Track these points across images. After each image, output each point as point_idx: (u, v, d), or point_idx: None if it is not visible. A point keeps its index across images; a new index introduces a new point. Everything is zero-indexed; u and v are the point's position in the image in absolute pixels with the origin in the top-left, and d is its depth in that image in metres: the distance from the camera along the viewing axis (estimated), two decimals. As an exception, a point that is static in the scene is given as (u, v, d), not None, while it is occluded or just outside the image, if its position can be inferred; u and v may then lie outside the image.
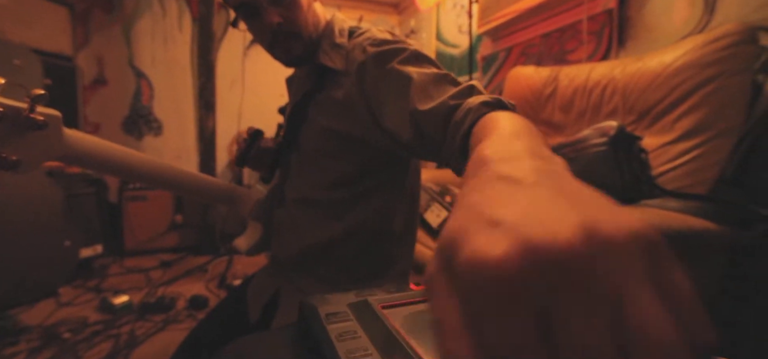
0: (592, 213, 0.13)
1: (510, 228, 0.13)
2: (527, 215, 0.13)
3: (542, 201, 0.15)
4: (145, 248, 2.18)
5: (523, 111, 1.37)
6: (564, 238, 0.12)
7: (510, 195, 0.16)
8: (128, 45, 2.46)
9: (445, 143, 0.41)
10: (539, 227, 0.12)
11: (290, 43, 0.59)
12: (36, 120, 0.37)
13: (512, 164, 0.19)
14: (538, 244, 0.12)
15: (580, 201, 0.14)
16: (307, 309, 0.30)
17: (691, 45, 0.89)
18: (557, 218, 0.13)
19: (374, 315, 0.29)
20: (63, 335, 1.23)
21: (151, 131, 2.58)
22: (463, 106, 0.39)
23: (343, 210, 0.61)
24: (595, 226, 0.12)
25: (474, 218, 0.15)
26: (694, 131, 0.86)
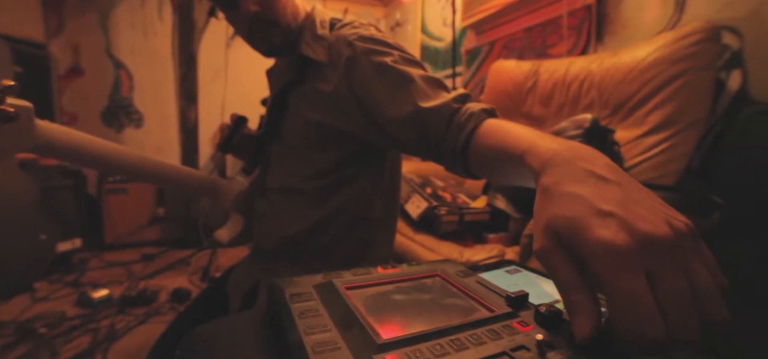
0: (667, 211, 0.22)
1: (621, 221, 0.21)
2: (629, 211, 0.21)
3: (631, 197, 0.22)
4: (126, 242, 2.13)
5: (504, 104, 1.40)
6: (661, 231, 0.20)
7: (605, 190, 0.23)
8: (105, 34, 2.38)
9: (444, 141, 0.46)
10: (642, 222, 0.20)
11: (268, 32, 0.59)
12: (6, 112, 0.37)
13: (590, 162, 0.26)
14: (645, 233, 0.20)
15: (654, 199, 0.23)
16: (275, 291, 0.31)
17: (661, 41, 0.92)
18: (650, 215, 0.21)
19: (337, 295, 0.30)
20: (39, 330, 1.20)
21: (132, 122, 2.51)
22: (464, 109, 0.45)
23: (323, 199, 0.62)
24: (673, 222, 0.21)
25: (587, 211, 0.22)
26: (664, 124, 0.89)
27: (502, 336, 0.25)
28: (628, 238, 0.20)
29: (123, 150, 0.57)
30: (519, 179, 0.38)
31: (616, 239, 0.20)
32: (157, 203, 2.25)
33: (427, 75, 0.51)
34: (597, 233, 0.20)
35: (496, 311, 0.29)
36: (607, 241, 0.20)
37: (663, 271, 0.20)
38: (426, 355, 0.22)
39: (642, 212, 0.21)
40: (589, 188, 0.23)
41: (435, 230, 1.02)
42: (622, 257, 0.19)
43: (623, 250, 0.20)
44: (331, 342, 0.24)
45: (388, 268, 0.39)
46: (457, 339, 0.25)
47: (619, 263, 0.19)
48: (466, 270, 0.40)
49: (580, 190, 0.23)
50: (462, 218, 1.03)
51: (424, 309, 0.30)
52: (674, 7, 1.06)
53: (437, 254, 0.92)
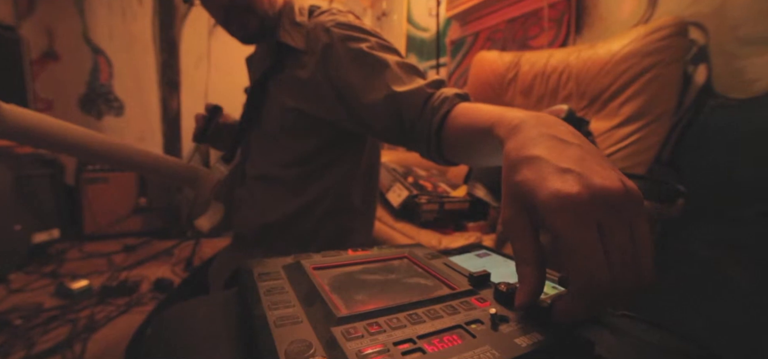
0: (618, 173, 0.23)
1: (577, 176, 0.22)
2: (585, 168, 0.22)
3: (589, 157, 0.23)
4: (106, 233, 2.09)
5: (486, 95, 1.41)
6: (614, 186, 0.21)
7: (564, 151, 0.24)
8: (82, 17, 2.28)
9: (418, 124, 0.47)
10: (597, 177, 0.22)
11: (244, 18, 0.58)
12: None
13: (551, 127, 0.27)
14: (600, 187, 0.21)
15: (610, 164, 0.24)
16: (244, 271, 0.32)
17: (634, 35, 0.95)
18: (604, 172, 0.22)
19: (304, 274, 0.31)
20: (14, 321, 1.18)
21: (112, 110, 2.44)
22: (438, 94, 0.46)
23: (302, 186, 0.63)
24: (624, 180, 0.22)
25: (547, 170, 0.23)
26: (636, 116, 0.93)
27: (459, 311, 0.27)
28: (583, 190, 0.21)
29: (97, 136, 0.56)
30: (490, 156, 0.39)
31: (572, 190, 0.21)
32: (139, 193, 2.21)
33: (403, 61, 0.51)
34: (553, 186, 0.22)
35: (457, 289, 0.31)
36: (563, 193, 0.21)
37: (613, 224, 0.21)
38: (383, 328, 0.24)
39: (598, 169, 0.22)
40: (550, 150, 0.24)
41: (415, 219, 1.04)
42: (576, 208, 0.21)
43: (578, 201, 0.21)
44: (293, 317, 0.25)
45: (359, 251, 0.40)
46: (414, 313, 0.26)
47: (573, 213, 0.21)
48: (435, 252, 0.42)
49: (541, 152, 0.24)
50: (442, 207, 1.05)
51: (388, 288, 0.31)
52: (647, 3, 1.09)
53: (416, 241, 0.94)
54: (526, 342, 0.23)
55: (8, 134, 0.43)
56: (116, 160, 0.59)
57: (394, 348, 0.22)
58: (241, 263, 0.34)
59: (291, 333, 0.23)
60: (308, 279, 0.30)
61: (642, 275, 0.21)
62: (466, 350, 0.22)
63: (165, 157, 0.68)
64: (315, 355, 0.20)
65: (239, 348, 0.27)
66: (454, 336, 0.23)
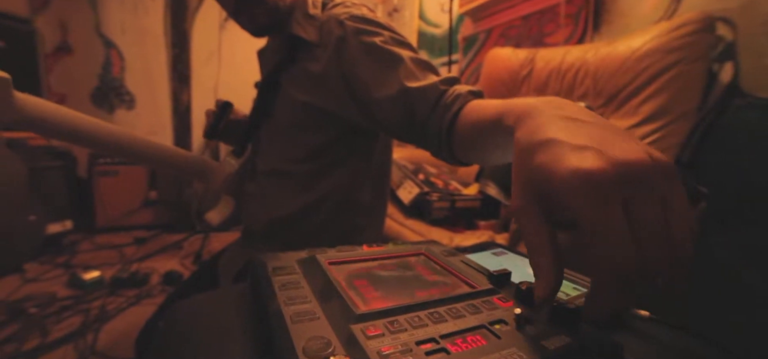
0: (644, 145, 0.20)
1: (596, 152, 0.19)
2: (606, 143, 0.20)
3: (608, 133, 0.21)
4: (117, 225, 2.12)
5: (499, 92, 1.39)
6: (640, 157, 0.19)
7: (580, 129, 0.22)
8: (95, 11, 2.31)
9: (429, 121, 0.46)
10: (619, 151, 0.19)
11: (254, 10, 0.58)
12: None
13: (564, 109, 0.25)
14: (623, 160, 0.19)
15: (629, 135, 0.21)
16: (257, 265, 0.31)
17: (657, 31, 0.92)
18: (626, 145, 0.20)
19: (320, 269, 0.30)
20: (29, 310, 1.20)
21: (124, 104, 2.47)
22: (451, 91, 0.45)
23: (313, 181, 0.62)
24: (653, 153, 0.20)
25: (563, 150, 0.21)
26: (656, 114, 0.90)
27: (481, 310, 0.26)
28: (604, 164, 0.19)
29: (110, 128, 0.56)
30: (500, 150, 0.37)
31: (592, 166, 0.19)
32: (149, 186, 2.23)
33: (416, 57, 0.50)
34: (571, 163, 0.19)
35: (477, 287, 0.29)
36: (582, 168, 0.19)
37: (640, 198, 0.19)
38: (403, 326, 0.23)
39: (620, 143, 0.20)
40: (564, 131, 0.22)
41: (426, 216, 1.03)
42: (598, 185, 0.18)
43: (599, 177, 0.18)
44: (310, 313, 0.24)
45: (374, 246, 0.39)
46: (436, 312, 0.25)
47: (595, 192, 0.18)
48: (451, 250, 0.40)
49: (554, 134, 0.22)
50: (453, 205, 1.04)
51: (405, 285, 0.30)
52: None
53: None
54: (554, 345, 0.22)
55: (22, 123, 0.43)
56: (128, 152, 0.59)
57: (416, 347, 0.21)
58: (254, 257, 0.33)
59: (308, 330, 0.22)
60: (324, 273, 0.29)
61: (676, 249, 0.19)
62: (492, 351, 0.21)
63: (177, 150, 0.67)
64: (334, 353, 0.20)
65: (253, 342, 0.26)
66: (478, 337, 0.23)
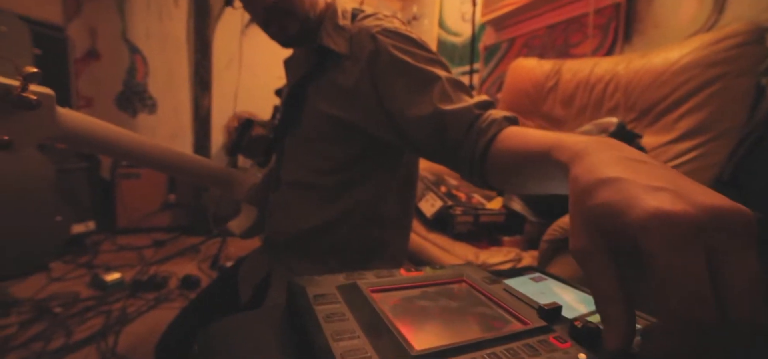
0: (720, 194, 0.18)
1: (675, 194, 0.18)
2: (681, 186, 0.19)
3: (679, 178, 0.20)
4: (137, 227, 2.16)
5: (524, 104, 1.36)
6: (725, 204, 0.17)
7: (649, 170, 0.21)
8: (122, 17, 2.39)
9: (462, 145, 0.44)
10: (700, 195, 0.18)
11: (285, 21, 0.57)
12: (28, 99, 0.35)
13: (622, 150, 0.24)
14: (708, 204, 0.17)
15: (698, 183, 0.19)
16: (296, 290, 0.30)
17: (697, 43, 0.88)
18: (704, 191, 0.18)
19: (363, 298, 0.29)
20: (54, 309, 1.23)
21: (146, 108, 2.53)
22: (486, 115, 0.44)
23: (337, 194, 0.61)
24: (734, 204, 0.18)
25: (636, 189, 0.19)
26: (695, 131, 0.85)
27: (540, 353, 0.24)
28: (688, 207, 0.17)
29: (141, 140, 0.56)
30: (543, 182, 0.36)
31: (675, 207, 0.17)
32: (168, 189, 2.27)
33: (451, 77, 0.49)
34: (649, 203, 0.18)
35: (529, 324, 0.28)
36: (663, 209, 0.17)
37: (726, 250, 0.16)
38: (463, 368, 0.21)
39: (697, 189, 0.18)
40: (631, 171, 0.21)
41: (449, 230, 1.00)
42: (678, 226, 0.17)
43: (681, 218, 0.17)
44: (361, 350, 0.22)
45: (412, 270, 0.37)
46: (493, 353, 0.23)
47: (675, 234, 0.17)
48: (491, 276, 0.38)
49: (620, 174, 0.21)
50: (477, 219, 1.01)
51: (453, 318, 0.29)
52: (712, 7, 1.00)
53: (451, 254, 0.90)
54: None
55: (63, 138, 0.43)
56: (162, 165, 0.59)
57: (480, 394, 0.19)
58: (292, 282, 0.31)
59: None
60: (368, 303, 0.28)
61: (758, 313, 0.16)
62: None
63: (206, 161, 0.68)
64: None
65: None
66: (542, 382, 0.20)
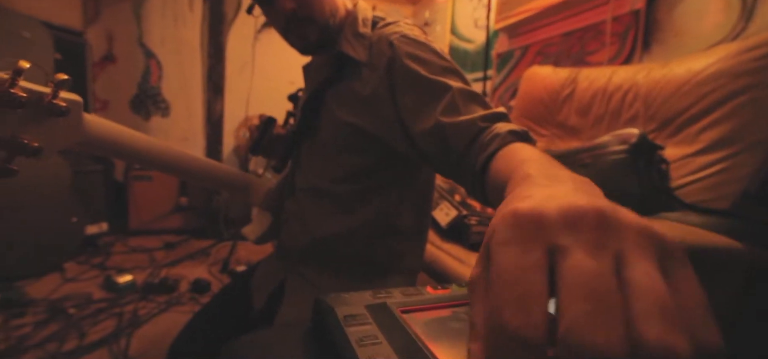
0: (614, 205, 0.15)
1: (536, 199, 0.16)
2: (554, 193, 0.17)
3: (569, 192, 0.18)
4: (149, 229, 2.18)
5: (538, 112, 1.34)
6: (580, 205, 0.15)
7: (543, 187, 0.20)
8: (138, 23, 2.43)
9: (465, 159, 0.43)
10: (563, 200, 0.15)
11: (305, 29, 0.57)
12: (59, 106, 0.35)
13: (554, 181, 0.21)
14: (564, 205, 0.15)
15: (608, 200, 0.16)
16: (324, 309, 0.29)
17: (724, 53, 0.85)
18: (579, 198, 0.16)
19: (394, 319, 0.28)
20: (68, 310, 1.24)
21: (159, 111, 2.57)
22: (491, 129, 0.41)
23: (353, 204, 0.60)
24: (613, 210, 0.15)
25: (509, 201, 0.18)
26: (720, 143, 0.83)
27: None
28: (533, 206, 0.15)
29: (162, 146, 0.56)
30: None
31: (519, 206, 0.15)
32: (180, 192, 2.29)
33: (464, 88, 0.47)
34: (503, 209, 0.16)
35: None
36: (506, 211, 0.16)
37: (575, 247, 0.13)
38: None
39: (573, 195, 0.16)
40: (528, 189, 0.20)
41: (464, 240, 0.99)
42: (515, 225, 0.15)
43: (521, 217, 0.15)
44: (399, 379, 0.21)
45: (439, 288, 0.36)
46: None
47: (511, 230, 0.15)
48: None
49: (516, 193, 0.20)
50: (492, 229, 0.99)
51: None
52: (739, 15, 0.98)
53: (468, 266, 0.89)
54: None
55: (86, 145, 0.43)
56: (182, 170, 0.59)
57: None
58: (320, 300, 0.31)
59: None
60: (399, 325, 0.27)
61: (577, 329, 0.12)
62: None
63: (223, 166, 0.68)
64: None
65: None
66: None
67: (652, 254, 0.13)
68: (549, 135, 1.33)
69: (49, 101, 0.35)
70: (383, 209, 0.60)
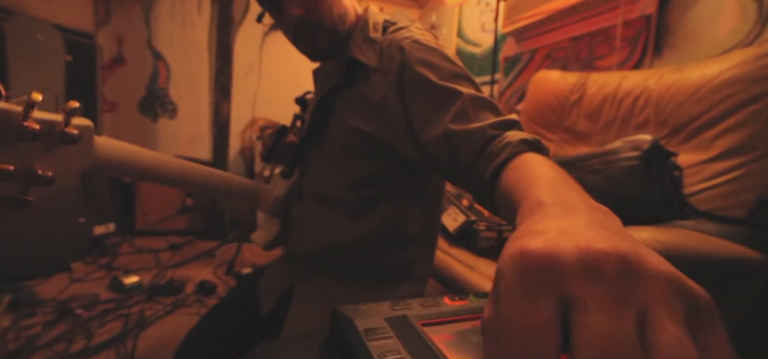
0: (637, 247, 0.13)
1: (548, 236, 0.14)
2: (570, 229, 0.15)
3: (586, 227, 0.16)
4: (154, 229, 2.20)
5: (547, 117, 1.33)
6: (600, 249, 0.13)
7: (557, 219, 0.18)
8: (147, 25, 2.46)
9: (474, 168, 0.41)
10: (580, 239, 0.14)
11: (314, 35, 0.57)
12: (70, 134, 0.35)
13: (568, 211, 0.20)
14: (581, 246, 0.13)
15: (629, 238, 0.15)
16: (343, 321, 0.28)
17: (740, 58, 0.84)
18: (597, 237, 0.14)
19: (415, 332, 0.27)
20: (76, 311, 1.25)
21: (166, 113, 2.59)
22: (502, 137, 0.40)
23: (362, 211, 0.60)
24: (636, 255, 0.13)
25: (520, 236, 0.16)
26: (736, 150, 0.81)
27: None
28: (544, 247, 0.14)
29: (174, 163, 0.56)
30: None
31: (529, 246, 0.14)
32: (186, 193, 2.31)
33: (475, 94, 0.46)
34: (513, 246, 0.15)
35: None
36: (514, 250, 0.14)
37: (592, 300, 0.12)
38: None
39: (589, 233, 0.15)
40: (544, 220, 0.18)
41: (472, 245, 0.98)
42: (524, 270, 0.13)
43: (531, 260, 0.13)
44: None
45: (456, 299, 0.36)
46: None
47: (518, 276, 0.13)
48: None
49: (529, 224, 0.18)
50: (500, 235, 0.99)
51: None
52: (755, 20, 0.96)
53: (476, 272, 0.88)
54: None
55: (98, 167, 0.43)
56: (195, 185, 0.59)
57: None
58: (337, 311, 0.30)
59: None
60: (421, 339, 0.26)
61: None
62: None
63: (234, 177, 0.68)
64: None
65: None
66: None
67: (680, 312, 0.12)
68: (557, 140, 1.32)
69: (61, 130, 0.35)
70: (392, 216, 0.60)
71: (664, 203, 0.84)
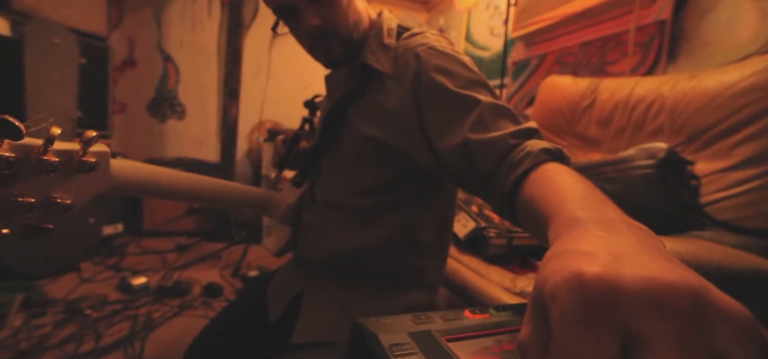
0: (705, 282, 0.13)
1: (604, 259, 0.14)
2: (626, 253, 0.14)
3: (640, 252, 0.15)
4: (161, 230, 2.21)
5: (557, 122, 1.31)
6: (669, 282, 0.12)
7: (608, 239, 0.17)
8: (158, 28, 2.49)
9: (494, 178, 0.40)
10: (642, 268, 0.13)
11: (330, 44, 0.56)
12: (88, 162, 0.36)
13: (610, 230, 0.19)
14: (642, 276, 0.12)
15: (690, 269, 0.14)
16: (365, 335, 0.28)
17: (761, 65, 0.82)
18: (660, 268, 0.13)
19: (440, 348, 0.27)
20: (85, 311, 1.26)
21: (175, 114, 2.61)
22: (522, 147, 0.39)
23: (374, 219, 0.59)
24: (707, 291, 0.12)
25: (569, 255, 0.15)
26: (757, 159, 0.79)
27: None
28: (603, 273, 0.13)
29: (188, 179, 0.56)
30: None
31: (586, 271, 0.13)
32: (194, 194, 2.32)
33: (493, 102, 0.45)
34: (564, 269, 0.14)
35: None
36: (569, 272, 0.13)
37: (662, 341, 0.11)
38: None
39: (646, 260, 0.14)
40: (587, 239, 0.18)
41: (482, 252, 0.97)
42: (584, 298, 0.13)
43: (590, 288, 0.13)
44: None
45: (477, 313, 0.35)
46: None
47: (577, 304, 0.13)
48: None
49: (572, 244, 0.17)
50: (511, 242, 0.97)
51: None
52: (775, 27, 0.94)
53: (487, 279, 0.87)
54: None
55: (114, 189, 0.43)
56: (208, 199, 0.60)
57: None
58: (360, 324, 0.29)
59: None
60: (447, 355, 0.25)
61: None
62: None
63: (246, 188, 0.68)
64: None
65: None
66: None
67: (731, 350, 0.11)
68: (567, 146, 1.30)
69: (79, 159, 0.35)
70: (404, 224, 0.59)
71: (681, 212, 0.82)
